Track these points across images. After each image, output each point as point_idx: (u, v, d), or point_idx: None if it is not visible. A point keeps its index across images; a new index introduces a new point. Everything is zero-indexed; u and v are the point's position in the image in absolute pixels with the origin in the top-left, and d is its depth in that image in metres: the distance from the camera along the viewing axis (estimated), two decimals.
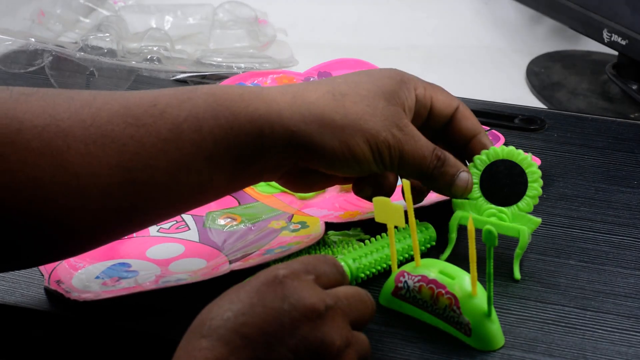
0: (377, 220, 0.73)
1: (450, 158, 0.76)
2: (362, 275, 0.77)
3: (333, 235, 0.81)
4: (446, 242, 0.81)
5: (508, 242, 0.82)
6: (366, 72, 0.75)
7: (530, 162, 0.78)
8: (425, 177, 0.76)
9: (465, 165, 0.79)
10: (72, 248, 0.71)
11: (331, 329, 0.62)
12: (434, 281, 0.72)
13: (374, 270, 0.77)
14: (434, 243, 0.81)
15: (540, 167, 0.89)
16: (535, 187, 0.78)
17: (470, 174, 0.77)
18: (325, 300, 0.62)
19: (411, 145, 0.74)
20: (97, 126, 0.67)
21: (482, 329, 0.71)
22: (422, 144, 0.74)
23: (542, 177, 0.79)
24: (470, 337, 0.71)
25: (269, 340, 0.60)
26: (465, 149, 0.79)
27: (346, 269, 0.76)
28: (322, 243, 0.80)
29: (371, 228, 0.81)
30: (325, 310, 0.62)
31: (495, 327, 0.71)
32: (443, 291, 0.72)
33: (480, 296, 0.71)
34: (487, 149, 0.78)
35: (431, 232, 0.80)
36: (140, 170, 0.68)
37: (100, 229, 0.70)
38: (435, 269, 0.73)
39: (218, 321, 0.60)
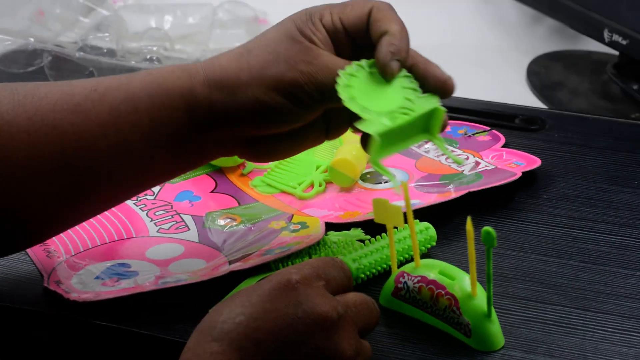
0: (376, 220, 0.73)
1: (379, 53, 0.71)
2: (362, 275, 0.77)
3: (333, 236, 0.81)
4: (446, 242, 0.81)
5: (507, 243, 0.82)
6: (274, 26, 0.74)
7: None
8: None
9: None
10: (22, 239, 0.73)
11: (343, 339, 0.62)
12: (433, 282, 0.72)
13: (374, 270, 0.77)
14: (434, 243, 0.81)
15: (540, 167, 0.90)
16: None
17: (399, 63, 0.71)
18: (337, 308, 0.62)
19: (325, 73, 0.70)
20: (39, 115, 0.69)
21: (482, 329, 0.70)
22: (336, 66, 0.70)
23: (543, 177, 0.78)
24: (470, 338, 0.71)
25: (282, 347, 0.60)
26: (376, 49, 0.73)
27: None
28: (322, 243, 0.80)
29: (372, 228, 0.80)
30: (338, 319, 0.62)
31: (495, 328, 0.71)
32: (443, 292, 0.71)
33: (480, 297, 0.71)
34: (387, 48, 0.71)
35: (431, 232, 0.80)
36: (82, 157, 0.69)
37: (49, 219, 0.71)
38: (435, 270, 0.73)
39: (230, 325, 0.60)
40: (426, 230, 0.80)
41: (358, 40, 0.73)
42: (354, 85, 0.70)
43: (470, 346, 0.71)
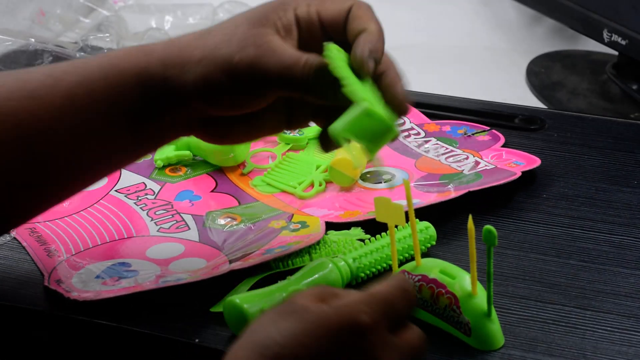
0: (377, 219, 0.73)
1: (329, 60, 0.69)
2: (363, 275, 0.77)
3: (333, 235, 0.81)
4: (446, 242, 0.81)
5: (507, 242, 0.82)
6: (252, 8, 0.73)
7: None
8: (300, 89, 0.70)
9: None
10: None
11: None
12: (434, 281, 0.72)
13: (374, 269, 0.77)
14: (434, 242, 0.81)
15: (540, 167, 0.90)
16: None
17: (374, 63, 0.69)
18: (392, 359, 0.61)
19: (270, 58, 0.69)
20: None
21: (482, 328, 0.70)
22: (285, 55, 0.69)
23: (543, 177, 0.78)
24: (470, 337, 0.71)
25: None
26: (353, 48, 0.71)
27: (346, 268, 0.75)
28: (322, 243, 0.80)
29: (372, 228, 0.80)
30: None
31: (495, 327, 0.71)
32: (443, 291, 0.71)
33: (481, 296, 0.71)
34: (365, 45, 0.69)
35: (431, 231, 0.80)
36: (40, 143, 0.69)
37: (13, 209, 0.71)
38: (436, 269, 0.73)
39: (285, 351, 0.58)
40: (426, 230, 0.80)
41: (333, 35, 0.72)
42: (338, 61, 0.69)
43: (470, 345, 0.71)
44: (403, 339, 0.62)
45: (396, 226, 0.78)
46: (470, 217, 0.68)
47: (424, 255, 0.79)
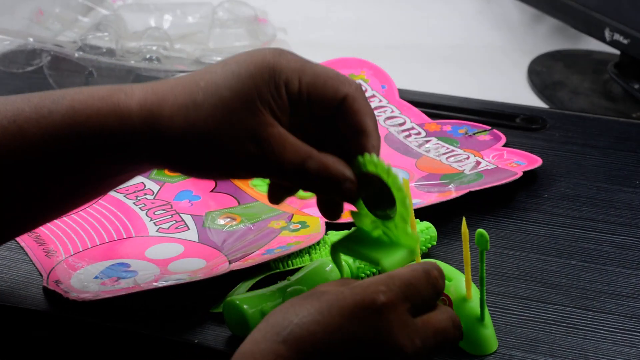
0: None
1: (330, 169, 0.67)
2: (363, 275, 0.76)
3: (333, 235, 0.81)
4: (446, 242, 0.80)
5: (508, 242, 0.82)
6: (231, 70, 0.67)
7: (391, 174, 0.68)
8: (305, 188, 0.69)
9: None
10: None
11: None
12: None
13: (374, 270, 0.77)
14: (434, 243, 0.80)
15: (541, 167, 0.90)
16: (401, 201, 0.68)
17: (354, 182, 0.68)
18: (414, 343, 0.61)
19: (270, 162, 0.66)
20: None
21: (474, 332, 0.70)
22: (283, 158, 0.66)
23: (544, 177, 0.78)
24: (461, 340, 0.70)
25: None
26: (352, 144, 0.69)
27: (346, 268, 0.75)
28: (322, 243, 0.80)
29: None
30: (412, 353, 0.61)
31: (487, 332, 0.71)
32: None
33: (475, 299, 0.70)
34: (371, 147, 0.68)
35: (432, 232, 0.80)
36: None
37: None
38: None
39: (302, 331, 0.59)
40: (427, 230, 0.80)
41: (316, 112, 0.69)
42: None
43: (462, 349, 0.71)
44: (427, 322, 0.62)
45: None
46: (464, 220, 0.67)
47: (425, 255, 0.79)
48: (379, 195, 0.68)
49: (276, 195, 0.71)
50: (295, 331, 0.59)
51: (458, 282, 0.71)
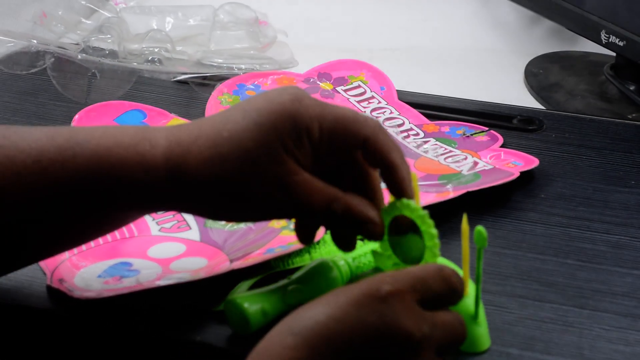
0: None
1: (354, 209, 0.68)
2: (361, 273, 0.76)
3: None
4: (444, 242, 0.80)
5: (505, 242, 0.82)
6: (253, 119, 0.67)
7: (426, 221, 0.69)
8: (328, 227, 0.71)
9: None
10: None
11: (421, 359, 0.61)
12: None
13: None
14: None
15: (538, 167, 0.90)
16: (431, 249, 0.69)
17: (379, 222, 0.69)
18: (422, 328, 0.61)
19: (299, 206, 0.67)
20: None
21: (467, 330, 0.70)
22: (312, 203, 0.67)
23: (541, 177, 0.78)
24: None
25: (354, 355, 0.59)
26: (384, 177, 0.70)
27: (346, 268, 0.75)
28: (322, 242, 0.80)
29: None
30: (420, 340, 0.61)
31: (480, 330, 0.71)
32: None
33: (471, 297, 0.70)
34: (403, 184, 0.70)
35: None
36: (15, 224, 0.70)
37: None
38: None
39: (310, 322, 0.60)
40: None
41: (339, 155, 0.70)
42: None
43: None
44: (435, 315, 0.62)
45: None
46: (464, 216, 0.67)
47: None
48: (409, 240, 0.70)
49: (306, 236, 0.72)
50: (303, 323, 0.60)
51: None
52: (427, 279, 0.63)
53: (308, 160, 0.68)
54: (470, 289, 0.70)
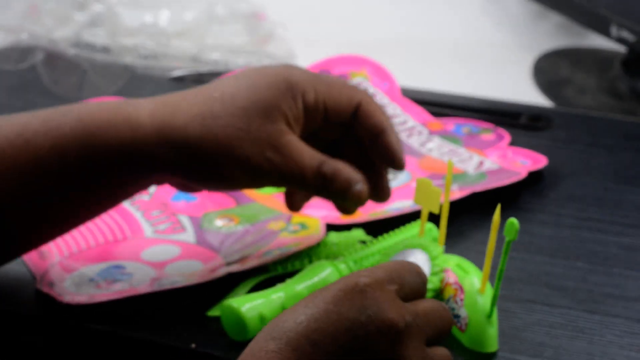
0: (415, 201, 0.74)
1: (342, 172, 0.71)
2: None
3: (333, 237, 0.80)
4: (450, 243, 0.79)
5: (513, 244, 0.81)
6: (245, 82, 0.71)
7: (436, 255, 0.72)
8: (315, 193, 0.73)
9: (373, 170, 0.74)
10: None
11: (407, 349, 0.60)
12: (447, 270, 0.72)
13: None
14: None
15: (547, 167, 0.90)
16: (433, 281, 0.71)
17: (365, 184, 0.72)
18: (404, 316, 0.61)
19: (289, 166, 0.70)
20: None
21: (478, 327, 0.69)
22: (303, 162, 0.70)
23: (550, 177, 0.78)
24: (463, 333, 0.70)
25: (340, 351, 0.59)
26: (373, 146, 0.74)
27: (346, 271, 0.74)
28: (322, 244, 0.79)
29: (373, 229, 0.80)
30: (404, 328, 0.60)
31: (491, 331, 0.70)
32: (452, 281, 0.71)
33: (487, 296, 0.70)
34: (395, 150, 0.73)
35: (434, 233, 0.79)
36: (5, 203, 0.70)
37: None
38: (453, 261, 0.72)
39: (290, 324, 0.59)
40: (429, 232, 0.79)
41: (332, 123, 0.73)
42: None
43: (463, 344, 0.70)
44: (416, 304, 0.63)
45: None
46: (498, 207, 0.66)
47: None
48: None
49: (295, 203, 0.75)
50: (284, 326, 0.60)
51: (474, 276, 0.70)
52: (400, 271, 0.64)
53: (299, 126, 0.71)
54: (487, 287, 0.70)
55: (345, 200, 0.72)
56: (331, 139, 0.75)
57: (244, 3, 1.18)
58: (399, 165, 0.73)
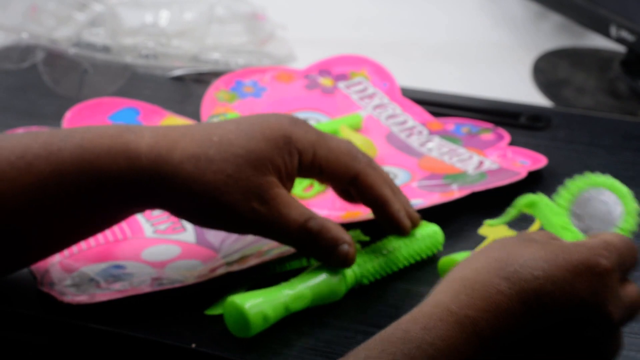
0: None
1: (329, 230, 0.72)
2: (366, 281, 0.76)
3: None
4: (450, 243, 0.79)
5: None
6: (245, 129, 0.72)
7: (626, 194, 0.74)
8: (299, 248, 0.74)
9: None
10: None
11: (610, 344, 0.62)
12: None
13: (377, 276, 0.76)
14: (440, 248, 0.79)
15: (546, 167, 0.89)
16: (629, 222, 0.73)
17: (353, 246, 0.73)
18: (620, 314, 0.62)
19: (274, 220, 0.71)
20: None
21: None
22: (289, 216, 0.71)
23: (549, 177, 0.78)
24: None
25: (557, 320, 0.60)
26: (376, 212, 0.76)
27: (350, 273, 0.74)
28: None
29: (372, 229, 0.79)
30: (616, 325, 0.62)
31: None
32: None
33: None
34: (395, 218, 0.75)
35: (438, 236, 0.79)
36: (5, 221, 0.71)
37: None
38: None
39: (527, 274, 0.60)
40: (434, 234, 0.79)
41: (329, 184, 0.76)
42: None
43: None
44: (627, 291, 0.63)
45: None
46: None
47: (430, 259, 0.78)
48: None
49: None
50: (519, 271, 0.60)
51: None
52: (625, 255, 0.64)
53: (290, 183, 0.73)
54: None
55: (331, 260, 0.73)
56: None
57: (244, 4, 1.18)
58: (403, 233, 0.76)
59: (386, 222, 0.75)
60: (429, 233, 0.79)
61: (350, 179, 0.74)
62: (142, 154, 0.70)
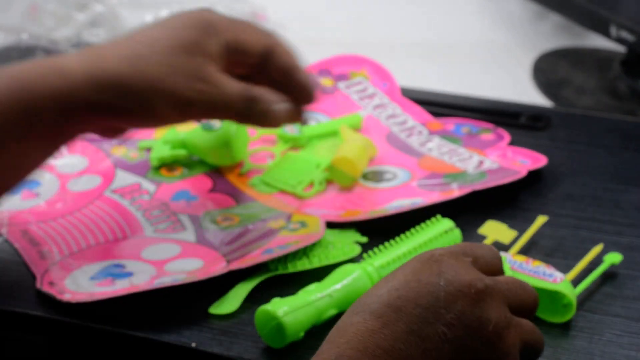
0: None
1: (265, 94, 0.77)
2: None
3: (328, 235, 0.80)
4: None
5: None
6: (167, 25, 0.76)
7: None
8: (244, 119, 0.78)
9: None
10: None
11: (489, 307, 0.60)
12: None
13: None
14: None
15: (546, 167, 0.90)
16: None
17: (289, 104, 0.78)
18: (483, 280, 0.61)
19: (217, 94, 0.75)
20: None
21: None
22: (228, 89, 0.76)
23: (549, 177, 0.78)
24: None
25: (424, 313, 0.60)
26: (287, 85, 0.79)
27: (374, 274, 0.74)
28: (318, 244, 0.79)
29: (370, 229, 0.80)
30: (484, 288, 0.61)
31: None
32: None
33: None
34: (305, 85, 0.79)
35: (456, 234, 0.79)
36: None
37: None
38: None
39: (372, 298, 0.61)
40: (451, 232, 0.79)
41: (249, 62, 0.79)
42: None
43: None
44: (497, 279, 0.62)
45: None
46: None
47: None
48: None
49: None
50: (365, 301, 0.61)
51: None
52: (474, 246, 0.64)
53: (220, 62, 0.76)
54: None
55: (268, 120, 0.77)
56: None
57: (244, 3, 1.18)
58: (311, 99, 0.80)
59: (295, 89, 0.79)
60: (446, 230, 0.79)
61: (267, 50, 0.78)
62: (74, 68, 0.73)
